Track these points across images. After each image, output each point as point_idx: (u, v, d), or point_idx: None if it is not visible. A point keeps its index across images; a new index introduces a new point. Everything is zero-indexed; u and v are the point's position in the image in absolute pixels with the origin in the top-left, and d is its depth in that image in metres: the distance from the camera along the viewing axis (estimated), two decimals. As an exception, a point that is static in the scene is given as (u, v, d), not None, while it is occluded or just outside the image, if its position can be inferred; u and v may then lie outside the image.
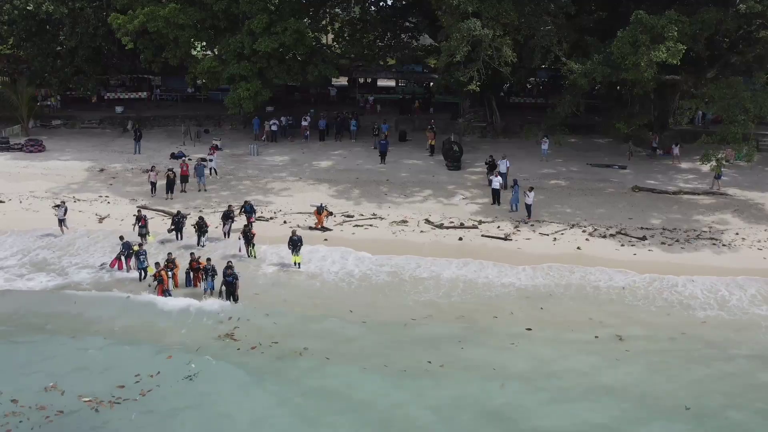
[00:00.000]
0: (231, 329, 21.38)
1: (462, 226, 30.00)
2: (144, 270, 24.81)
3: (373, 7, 51.43)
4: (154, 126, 48.21)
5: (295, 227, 28.25)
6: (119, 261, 25.68)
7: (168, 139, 44.96)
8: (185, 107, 52.06)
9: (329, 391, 18.33)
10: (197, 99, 54.12)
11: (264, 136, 44.94)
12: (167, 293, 23.43)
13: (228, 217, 28.59)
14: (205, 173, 35.46)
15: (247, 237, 26.78)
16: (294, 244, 25.80)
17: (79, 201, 33.02)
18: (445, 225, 30.07)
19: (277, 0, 40.11)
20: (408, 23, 50.75)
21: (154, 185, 33.86)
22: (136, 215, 28.01)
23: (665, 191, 34.28)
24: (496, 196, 32.55)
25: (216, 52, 44.06)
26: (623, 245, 27.88)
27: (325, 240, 28.53)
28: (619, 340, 20.96)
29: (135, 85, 57.12)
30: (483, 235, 28.98)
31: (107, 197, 33.84)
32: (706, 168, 34.45)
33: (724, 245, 27.82)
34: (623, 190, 34.65)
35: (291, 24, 40.29)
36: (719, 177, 33.80)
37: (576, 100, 37.06)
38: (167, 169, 34.20)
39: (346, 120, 46.22)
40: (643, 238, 28.47)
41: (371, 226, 30.10)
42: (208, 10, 41.19)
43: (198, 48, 48.45)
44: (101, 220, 30.78)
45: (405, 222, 30.45)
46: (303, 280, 25.27)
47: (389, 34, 50.94)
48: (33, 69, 47.93)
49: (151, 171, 34.37)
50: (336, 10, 51.17)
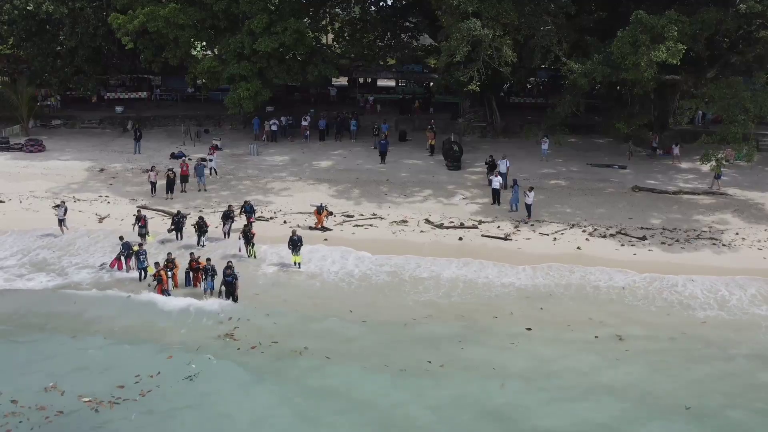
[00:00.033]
0: (231, 329, 21.38)
1: (462, 226, 30.00)
2: (144, 270, 24.82)
3: (373, 7, 51.44)
4: (154, 126, 48.21)
5: (295, 227, 28.25)
6: (119, 261, 25.69)
7: (168, 139, 44.95)
8: (185, 107, 52.06)
9: (329, 391, 18.32)
10: (197, 99, 54.17)
11: (264, 136, 44.94)
12: (166, 293, 23.43)
13: (228, 217, 28.59)
14: (205, 173, 35.47)
15: (247, 237, 26.79)
16: (294, 244, 25.80)
17: (79, 201, 33.02)
18: (445, 225, 30.07)
19: (277, 0, 40.14)
20: (408, 23, 50.74)
21: (154, 185, 33.86)
22: (135, 215, 28.03)
23: (665, 191, 34.28)
24: (496, 196, 32.56)
25: (216, 52, 44.07)
26: (623, 245, 27.88)
27: (325, 240, 28.53)
28: (619, 339, 20.97)
29: (135, 85, 57.12)
30: (483, 235, 28.99)
31: (107, 197, 33.84)
32: (706, 168, 34.47)
33: (724, 245, 27.83)
34: (623, 190, 34.65)
35: (291, 24, 40.30)
36: (719, 177, 33.81)
37: (576, 100, 37.06)
38: (167, 169, 34.21)
39: (346, 120, 46.23)
40: (643, 238, 28.48)
41: (371, 226, 30.10)
42: (208, 10, 41.21)
43: (198, 48, 48.44)
44: (101, 220, 30.78)
45: (405, 222, 30.45)
46: (303, 280, 25.27)
47: (389, 34, 50.92)
48: (33, 69, 47.92)
49: (151, 171, 34.37)
50: (336, 10, 51.17)
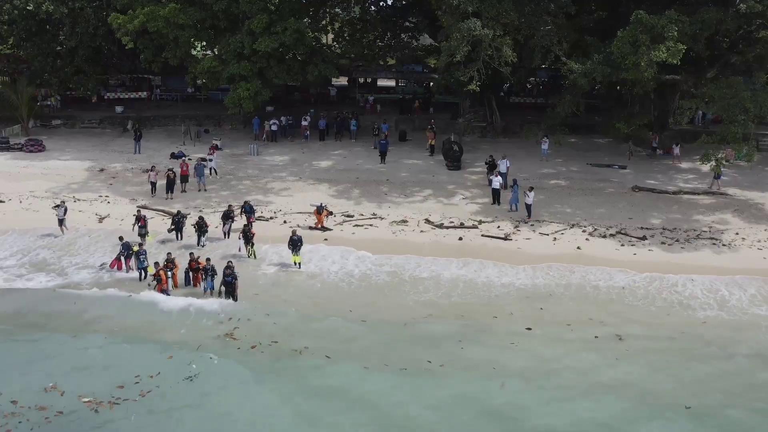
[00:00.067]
0: (231, 329, 21.37)
1: (462, 225, 30.00)
2: (144, 270, 24.82)
3: (373, 7, 51.43)
4: (154, 126, 48.20)
5: (295, 227, 28.25)
6: (119, 261, 25.69)
7: (168, 139, 44.95)
8: (185, 107, 52.06)
9: (330, 390, 18.33)
10: (197, 99, 54.20)
11: (264, 136, 44.94)
12: (165, 293, 23.43)
13: (228, 217, 28.59)
14: (205, 173, 35.47)
15: (247, 237, 26.78)
16: (294, 244, 25.80)
17: (79, 201, 33.01)
18: (445, 225, 30.06)
19: (277, 0, 40.14)
20: (408, 23, 50.72)
21: (154, 185, 33.85)
22: (135, 215, 28.03)
23: (665, 191, 34.28)
24: (496, 195, 32.56)
25: (216, 52, 44.07)
26: (623, 245, 27.88)
27: (325, 240, 28.53)
28: (619, 339, 20.97)
29: (135, 85, 57.13)
30: (483, 235, 28.98)
31: (107, 197, 33.84)
32: (706, 168, 34.48)
33: (724, 245, 27.83)
34: (623, 190, 34.64)
35: (291, 24, 40.29)
36: (719, 177, 33.80)
37: (576, 100, 37.06)
38: (167, 169, 34.21)
39: (346, 120, 46.22)
40: (643, 237, 28.47)
41: (371, 225, 30.10)
42: (208, 10, 41.20)
43: (198, 48, 48.42)
44: (101, 219, 30.78)
45: (405, 222, 30.45)
46: (303, 280, 25.26)
47: (389, 34, 50.90)
48: (33, 69, 47.90)
49: (151, 171, 34.37)
50: (336, 9, 51.14)
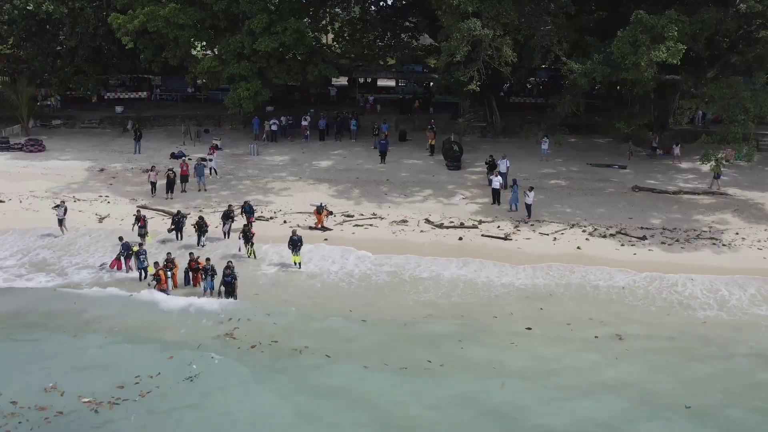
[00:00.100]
0: (231, 329, 21.36)
1: (462, 225, 29.99)
2: (144, 270, 24.82)
3: (373, 7, 51.42)
4: (154, 126, 48.19)
5: (295, 227, 28.24)
6: (119, 261, 25.69)
7: (168, 139, 44.94)
8: (185, 107, 52.05)
9: (330, 390, 18.33)
10: (197, 99, 54.21)
11: (264, 135, 44.94)
12: (165, 293, 23.43)
13: (228, 217, 28.58)
14: (205, 173, 35.47)
15: (247, 236, 26.78)
16: (294, 244, 25.79)
17: (79, 201, 33.01)
18: (445, 225, 30.06)
19: (277, 0, 40.13)
20: (408, 23, 50.70)
21: (154, 185, 33.84)
22: (135, 215, 28.03)
23: (665, 191, 34.27)
24: (496, 195, 32.55)
25: (216, 51, 44.06)
26: (623, 245, 27.88)
27: (325, 240, 28.53)
28: (619, 339, 20.97)
29: (135, 85, 57.12)
30: (483, 235, 28.98)
31: (107, 197, 33.83)
32: (706, 168, 34.47)
33: (724, 245, 27.83)
34: (623, 189, 34.64)
35: (291, 24, 40.29)
36: (718, 177, 33.80)
37: (576, 100, 37.05)
38: (167, 169, 34.21)
39: (346, 120, 46.22)
40: (643, 237, 28.47)
41: (371, 225, 30.10)
42: (208, 10, 41.20)
43: (198, 48, 48.41)
44: (101, 219, 30.78)
45: (405, 222, 30.45)
46: (303, 280, 25.26)
47: (389, 34, 50.89)
48: (33, 69, 47.89)
49: (151, 171, 34.36)
50: (336, 9, 51.14)
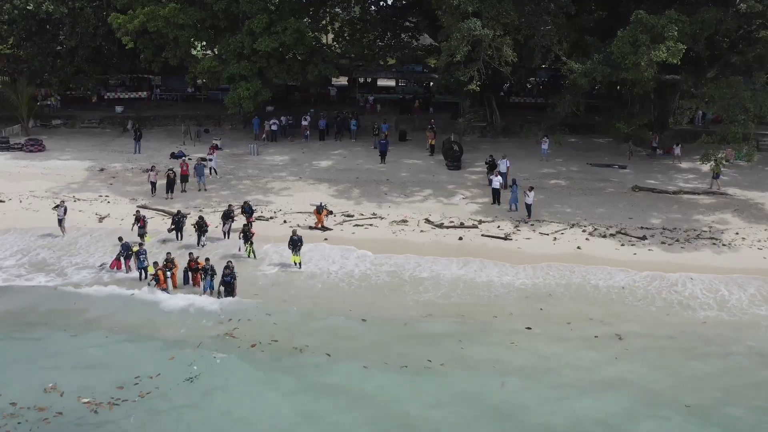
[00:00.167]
0: (231, 329, 21.36)
1: (462, 225, 29.99)
2: (144, 269, 24.82)
3: (373, 7, 51.43)
4: (154, 126, 48.19)
5: (296, 227, 28.24)
6: (119, 262, 25.69)
7: (168, 139, 44.95)
8: (185, 107, 52.07)
9: (330, 388, 18.35)
10: (197, 99, 54.23)
11: (264, 135, 44.94)
12: (165, 292, 23.45)
13: (228, 217, 28.57)
14: (205, 173, 35.47)
15: (247, 236, 26.77)
16: (294, 244, 25.78)
17: (79, 200, 33.01)
18: (445, 225, 30.05)
19: (277, 0, 40.12)
20: (408, 23, 50.70)
21: (154, 185, 33.84)
22: (135, 215, 28.03)
23: (665, 191, 34.27)
24: (496, 195, 32.55)
25: (216, 51, 44.04)
26: (623, 245, 27.88)
27: (325, 239, 28.53)
28: (619, 339, 20.97)
29: (135, 85, 57.11)
30: (483, 235, 28.98)
31: (107, 197, 33.83)
32: (706, 168, 34.46)
33: (724, 245, 27.83)
34: (623, 189, 34.64)
35: (291, 24, 40.29)
36: (717, 177, 33.79)
37: (576, 99, 37.06)
38: (167, 169, 34.21)
39: (346, 120, 46.23)
40: (643, 237, 28.47)
41: (371, 225, 30.09)
42: (208, 9, 41.21)
43: (198, 48, 48.41)
44: (101, 219, 30.77)
45: (405, 222, 30.44)
46: (303, 279, 25.25)
47: (389, 33, 50.89)
48: (33, 69, 47.89)
49: (151, 171, 34.37)
50: (336, 9, 51.15)
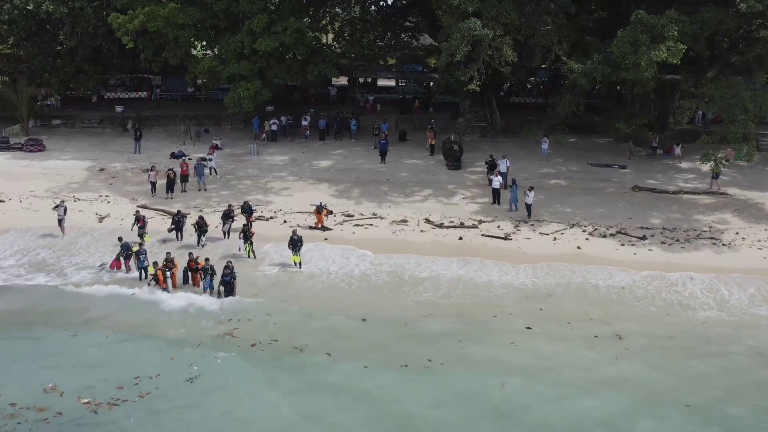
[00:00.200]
0: (231, 328, 21.37)
1: (462, 225, 29.98)
2: (144, 269, 24.82)
3: (373, 7, 51.45)
4: (154, 126, 48.19)
5: (296, 227, 28.23)
6: (118, 262, 25.68)
7: (168, 139, 44.94)
8: (185, 107, 52.09)
9: (330, 388, 18.36)
10: (197, 99, 54.25)
11: (264, 135, 44.94)
12: (164, 292, 23.44)
13: (228, 217, 28.56)
14: (205, 173, 35.47)
15: (246, 236, 26.77)
16: (294, 243, 25.77)
17: (79, 200, 33.00)
18: (445, 224, 30.05)
19: (277, 0, 40.12)
20: (408, 23, 50.72)
21: (154, 185, 33.84)
22: (135, 215, 28.02)
23: (665, 191, 34.26)
24: (496, 195, 32.55)
25: (216, 51, 44.05)
26: (623, 245, 27.87)
27: (326, 239, 28.52)
28: (619, 338, 20.97)
29: (135, 85, 57.12)
30: (483, 235, 28.97)
31: (107, 197, 33.83)
32: (706, 168, 34.46)
33: (724, 245, 27.82)
34: (623, 189, 34.63)
35: (291, 23, 40.29)
36: (717, 176, 33.78)
37: (576, 99, 37.06)
38: (167, 169, 34.22)
39: (346, 120, 46.24)
40: (643, 237, 28.46)
41: (371, 225, 30.09)
42: (208, 9, 41.22)
43: (198, 48, 48.42)
44: (101, 219, 30.77)
45: (405, 221, 30.44)
46: (303, 280, 25.25)
47: (389, 33, 50.90)
48: (33, 68, 47.90)
49: (151, 170, 34.37)
50: (336, 9, 51.14)
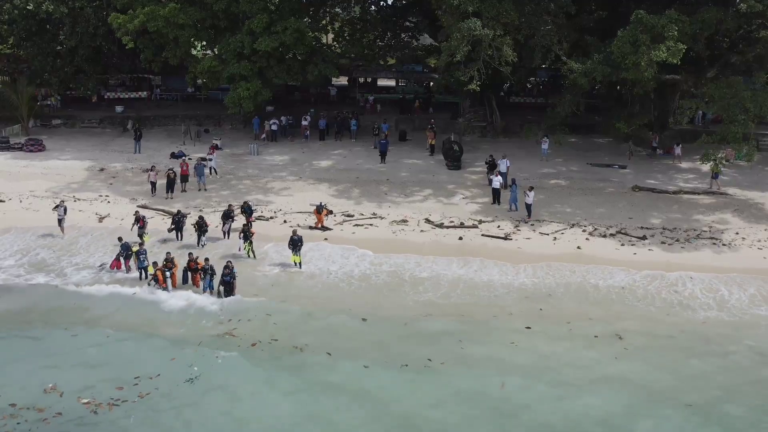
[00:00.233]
0: (231, 328, 21.37)
1: (462, 225, 29.98)
2: (144, 269, 24.83)
3: (373, 7, 51.44)
4: (154, 125, 48.18)
5: (296, 227, 28.23)
6: (118, 262, 25.68)
7: (168, 139, 44.94)
8: (185, 107, 52.09)
9: (330, 387, 18.37)
10: (197, 98, 54.24)
11: (264, 135, 44.94)
12: (164, 292, 23.45)
13: (228, 217, 28.56)
14: (205, 173, 35.46)
15: (246, 236, 26.76)
16: (294, 243, 25.77)
17: (79, 200, 33.00)
18: (445, 224, 30.05)
19: (277, 0, 40.11)
20: (408, 23, 50.71)
21: (154, 185, 33.84)
22: (135, 216, 28.02)
23: (665, 191, 34.26)
24: (496, 195, 32.54)
25: (216, 51, 44.05)
26: (623, 245, 27.87)
27: (326, 239, 28.52)
28: (619, 338, 20.97)
29: (135, 85, 57.09)
30: (483, 235, 28.97)
31: (107, 196, 33.82)
32: (706, 168, 34.44)
33: (724, 245, 27.82)
34: (623, 189, 34.63)
35: (291, 23, 40.29)
36: (716, 176, 33.77)
37: (576, 99, 37.05)
38: (167, 169, 34.22)
39: (346, 120, 46.23)
40: (643, 237, 28.46)
41: (371, 225, 30.09)
42: (208, 9, 41.21)
43: (198, 47, 48.41)
44: (101, 219, 30.77)
45: (405, 221, 30.44)
46: (303, 279, 25.25)
47: (389, 33, 50.89)
48: (33, 68, 47.90)
49: (151, 170, 34.37)
50: (336, 9, 51.14)
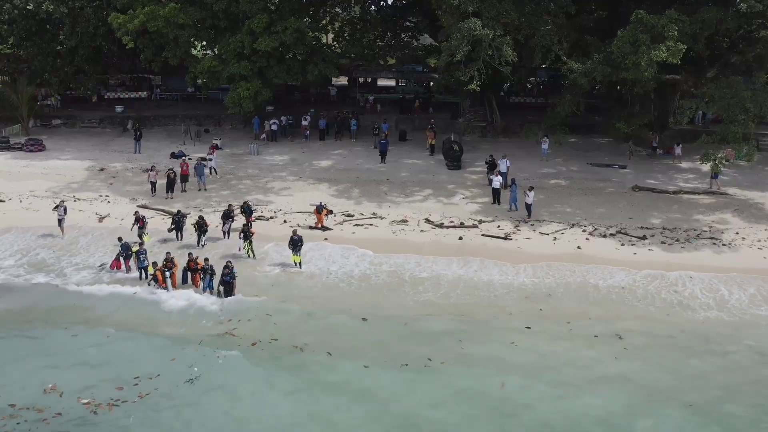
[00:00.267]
0: (231, 328, 21.37)
1: (462, 225, 29.98)
2: (144, 269, 24.83)
3: (374, 7, 51.45)
4: (154, 125, 48.19)
5: (296, 227, 28.23)
6: (118, 262, 25.69)
7: (168, 139, 44.95)
8: (185, 107, 52.10)
9: (330, 386, 18.39)
10: (197, 98, 54.26)
11: (264, 135, 44.94)
12: (165, 291, 23.46)
13: (228, 217, 28.56)
14: (205, 173, 35.47)
15: (246, 236, 26.76)
16: (294, 243, 25.78)
17: (79, 200, 33.00)
18: (446, 224, 30.05)
19: (277, 0, 40.12)
20: (408, 23, 50.72)
21: (154, 185, 33.85)
22: (135, 216, 28.02)
23: (665, 191, 34.26)
24: (496, 195, 32.54)
25: (216, 51, 44.06)
26: (623, 245, 27.87)
27: (326, 239, 28.52)
28: (619, 338, 20.97)
29: (135, 85, 57.11)
30: (483, 235, 28.97)
31: (107, 196, 33.83)
32: (706, 168, 34.45)
33: (724, 245, 27.82)
34: (623, 189, 34.63)
35: (291, 23, 40.30)
36: (716, 176, 33.77)
37: (576, 99, 37.06)
38: (167, 169, 34.23)
39: (346, 120, 46.24)
40: (644, 237, 28.46)
41: (371, 225, 30.09)
42: (208, 9, 41.23)
43: (198, 47, 48.42)
44: (101, 219, 30.77)
45: (405, 221, 30.44)
46: (303, 279, 25.25)
47: (389, 33, 50.90)
48: (33, 68, 47.92)
49: (151, 170, 34.37)
50: (336, 9, 51.15)
